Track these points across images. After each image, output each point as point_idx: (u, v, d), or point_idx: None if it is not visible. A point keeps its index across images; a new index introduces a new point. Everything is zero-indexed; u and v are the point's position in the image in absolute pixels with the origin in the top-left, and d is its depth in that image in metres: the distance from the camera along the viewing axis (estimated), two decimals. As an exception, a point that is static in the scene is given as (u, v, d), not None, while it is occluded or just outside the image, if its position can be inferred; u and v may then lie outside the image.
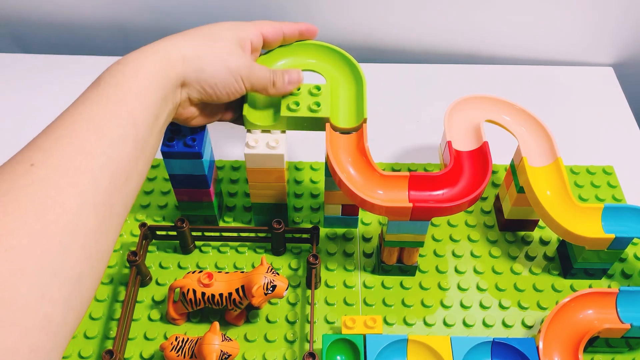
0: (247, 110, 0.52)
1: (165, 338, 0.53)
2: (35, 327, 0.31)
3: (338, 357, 0.49)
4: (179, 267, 0.58)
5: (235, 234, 0.59)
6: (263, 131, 0.52)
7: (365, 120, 0.51)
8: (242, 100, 0.52)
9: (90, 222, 0.34)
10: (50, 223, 0.32)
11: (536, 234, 0.61)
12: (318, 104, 0.51)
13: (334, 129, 0.51)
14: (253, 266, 0.58)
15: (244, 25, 0.49)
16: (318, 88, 0.52)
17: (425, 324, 0.55)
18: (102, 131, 0.37)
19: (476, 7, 0.76)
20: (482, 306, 0.56)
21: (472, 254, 0.60)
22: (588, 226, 0.52)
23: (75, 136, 0.36)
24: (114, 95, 0.39)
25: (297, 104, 0.51)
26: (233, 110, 0.53)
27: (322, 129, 0.51)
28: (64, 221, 0.33)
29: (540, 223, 0.61)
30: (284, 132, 0.53)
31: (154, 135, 0.42)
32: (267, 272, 0.50)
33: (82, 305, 0.35)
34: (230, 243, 0.60)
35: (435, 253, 0.60)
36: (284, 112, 0.51)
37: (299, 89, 0.51)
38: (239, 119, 0.53)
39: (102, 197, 0.35)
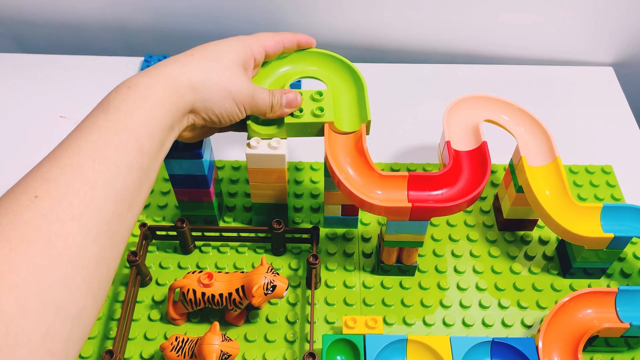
0: (250, 120, 0.52)
1: (165, 338, 0.53)
2: None
3: (338, 357, 0.49)
4: (179, 267, 0.59)
5: (235, 234, 0.59)
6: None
7: (369, 123, 0.51)
8: None
9: (93, 253, 0.34)
10: (54, 258, 0.32)
11: (535, 233, 0.61)
12: (321, 109, 0.51)
13: (338, 133, 0.52)
14: (253, 266, 0.59)
15: (247, 42, 0.49)
16: (320, 94, 0.52)
17: (425, 323, 0.55)
18: (109, 160, 0.36)
19: (476, 7, 0.76)
20: (481, 306, 0.56)
21: (471, 254, 0.60)
22: (587, 225, 0.52)
23: (81, 165, 0.35)
24: (123, 123, 0.38)
25: (301, 110, 0.51)
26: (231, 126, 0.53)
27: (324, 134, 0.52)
28: (67, 255, 0.32)
29: (540, 222, 0.61)
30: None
31: (158, 161, 0.42)
32: (267, 272, 0.50)
33: (83, 336, 0.34)
34: (230, 243, 0.60)
35: (434, 253, 0.60)
36: (288, 118, 0.51)
37: (301, 110, 0.51)
38: (240, 129, 0.54)
39: (105, 227, 0.35)
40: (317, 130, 0.52)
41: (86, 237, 0.34)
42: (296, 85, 0.69)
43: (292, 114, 0.51)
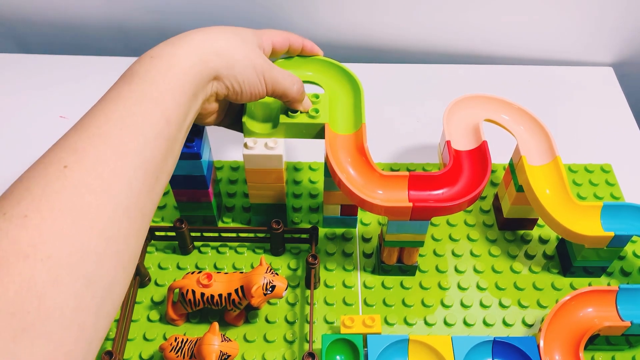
0: (246, 118, 0.52)
1: (165, 339, 0.53)
2: (70, 337, 0.30)
3: (337, 357, 0.49)
4: (178, 267, 0.58)
5: (234, 235, 0.59)
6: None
7: (363, 126, 0.51)
8: (237, 104, 0.52)
9: (123, 226, 0.34)
10: (86, 230, 0.31)
11: (535, 232, 0.61)
12: (317, 111, 0.51)
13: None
14: (252, 266, 0.58)
15: (256, 32, 0.49)
16: (316, 96, 0.52)
17: (426, 323, 0.55)
18: (137, 131, 0.35)
19: (476, 7, 0.76)
20: (482, 305, 0.56)
21: (472, 253, 0.60)
22: (587, 224, 0.52)
23: (109, 135, 0.34)
24: (149, 93, 0.37)
25: (295, 110, 0.51)
26: (228, 113, 0.53)
27: (320, 136, 0.52)
28: (99, 228, 0.32)
29: (540, 222, 0.61)
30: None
31: (182, 132, 0.41)
32: (266, 272, 0.50)
33: (113, 311, 0.34)
34: (229, 243, 0.60)
35: (435, 252, 0.59)
36: (283, 119, 0.51)
37: (295, 111, 0.51)
38: (233, 125, 0.53)
39: (135, 199, 0.34)
40: (312, 132, 0.52)
41: (117, 210, 0.33)
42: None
43: (287, 114, 0.51)
